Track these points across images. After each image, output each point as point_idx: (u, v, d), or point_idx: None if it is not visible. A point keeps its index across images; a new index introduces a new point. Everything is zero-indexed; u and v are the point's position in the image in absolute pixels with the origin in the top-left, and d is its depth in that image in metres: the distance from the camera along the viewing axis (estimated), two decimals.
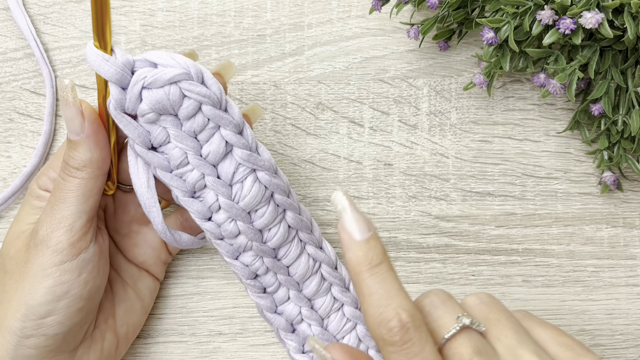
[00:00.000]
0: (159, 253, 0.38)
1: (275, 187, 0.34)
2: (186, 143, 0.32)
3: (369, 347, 0.38)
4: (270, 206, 0.35)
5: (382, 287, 0.27)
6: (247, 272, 0.36)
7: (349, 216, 0.28)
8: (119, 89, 0.31)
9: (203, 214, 0.34)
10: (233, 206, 0.34)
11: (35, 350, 0.33)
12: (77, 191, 0.33)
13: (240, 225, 0.34)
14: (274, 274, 0.37)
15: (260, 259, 0.36)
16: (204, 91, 0.31)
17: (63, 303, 0.32)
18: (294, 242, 0.36)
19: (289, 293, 0.37)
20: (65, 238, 0.32)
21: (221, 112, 0.32)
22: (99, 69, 0.31)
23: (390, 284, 0.27)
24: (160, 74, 0.31)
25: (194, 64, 0.31)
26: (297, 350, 0.38)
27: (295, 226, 0.36)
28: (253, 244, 0.35)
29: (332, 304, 0.38)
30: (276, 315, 0.38)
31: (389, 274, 0.27)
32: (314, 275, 0.37)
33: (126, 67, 0.31)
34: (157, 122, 0.32)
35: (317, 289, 0.37)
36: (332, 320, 0.38)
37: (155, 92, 0.31)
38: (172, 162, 0.33)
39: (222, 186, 0.33)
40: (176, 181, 0.33)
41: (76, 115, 0.32)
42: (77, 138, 0.32)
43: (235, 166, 0.33)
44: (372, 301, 0.26)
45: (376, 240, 0.28)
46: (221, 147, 0.33)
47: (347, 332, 0.38)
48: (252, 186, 0.34)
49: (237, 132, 0.33)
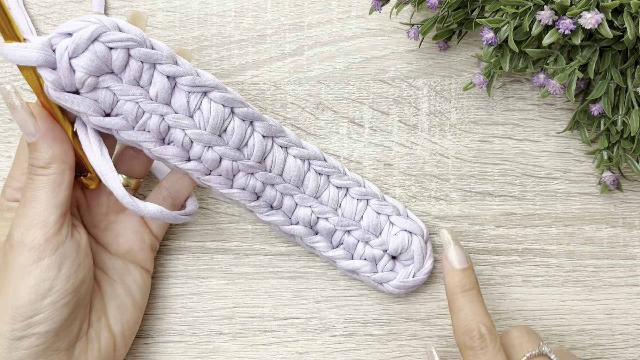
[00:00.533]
0: (142, 236, 0.38)
1: (231, 101, 0.35)
2: (133, 93, 0.33)
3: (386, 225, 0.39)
4: (236, 120, 0.36)
5: (469, 306, 0.34)
6: (247, 195, 0.37)
7: (452, 249, 0.36)
8: (49, 70, 0.32)
9: (180, 155, 0.35)
10: (202, 134, 0.35)
11: (29, 350, 0.33)
12: (46, 187, 0.33)
13: (218, 149, 0.35)
14: (271, 186, 0.38)
15: (252, 176, 0.37)
16: (125, 36, 0.32)
17: (48, 300, 0.32)
18: (275, 149, 0.37)
19: (294, 199, 0.38)
20: (41, 234, 0.33)
21: (150, 49, 0.33)
22: (21, 59, 0.31)
23: (477, 305, 0.34)
24: (79, 38, 0.31)
25: (104, 17, 0.32)
26: (328, 248, 0.39)
27: (268, 133, 0.37)
28: (239, 164, 0.36)
29: (338, 192, 0.39)
30: (293, 226, 0.39)
31: (477, 297, 0.34)
32: (307, 173, 0.38)
33: (46, 46, 0.31)
34: (98, 87, 0.33)
35: (316, 184, 0.38)
36: (345, 206, 0.39)
37: (83, 56, 0.32)
38: (129, 117, 0.34)
39: (183, 119, 0.35)
40: (141, 135, 0.34)
41: (27, 117, 0.33)
42: (34, 139, 0.33)
43: (186, 96, 0.35)
44: (460, 315, 0.34)
45: (471, 271, 0.35)
46: (165, 83, 0.34)
47: (363, 211, 0.39)
48: (209, 107, 0.35)
49: (173, 64, 0.34)
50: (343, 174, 0.39)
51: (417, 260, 0.39)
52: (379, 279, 0.39)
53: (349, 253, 0.39)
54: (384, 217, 0.39)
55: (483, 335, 0.33)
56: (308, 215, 0.39)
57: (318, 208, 0.38)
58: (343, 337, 0.41)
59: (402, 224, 0.39)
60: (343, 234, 0.39)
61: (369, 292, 0.41)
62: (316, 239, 0.39)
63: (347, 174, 0.39)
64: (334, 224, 0.39)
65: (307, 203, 0.38)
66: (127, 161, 0.38)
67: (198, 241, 0.42)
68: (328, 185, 0.39)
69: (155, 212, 0.35)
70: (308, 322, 0.41)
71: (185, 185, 0.38)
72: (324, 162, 0.39)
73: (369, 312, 0.41)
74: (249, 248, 0.41)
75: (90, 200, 0.38)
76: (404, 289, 0.39)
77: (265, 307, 0.41)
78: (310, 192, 0.38)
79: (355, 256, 0.39)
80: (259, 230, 0.42)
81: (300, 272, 0.41)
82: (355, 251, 0.39)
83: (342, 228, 0.39)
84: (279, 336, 0.41)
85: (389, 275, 0.39)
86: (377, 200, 0.39)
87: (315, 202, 0.39)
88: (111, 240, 0.38)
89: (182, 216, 0.37)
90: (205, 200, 0.42)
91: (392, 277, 0.39)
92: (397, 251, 0.39)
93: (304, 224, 0.39)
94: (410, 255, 0.39)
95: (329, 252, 0.39)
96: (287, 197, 0.38)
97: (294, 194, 0.38)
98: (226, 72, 0.42)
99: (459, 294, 0.34)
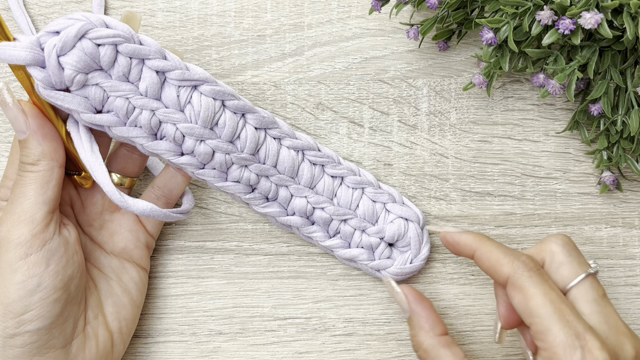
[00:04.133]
0: (137, 235, 0.39)
1: (222, 94, 0.35)
2: (122, 89, 0.34)
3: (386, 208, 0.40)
4: (227, 113, 0.36)
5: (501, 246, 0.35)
6: (242, 187, 0.37)
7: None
8: (38, 69, 0.32)
9: (172, 149, 0.35)
10: (193, 127, 0.35)
11: (23, 348, 0.33)
12: (34, 184, 0.33)
13: (210, 143, 0.36)
14: (266, 178, 0.38)
15: (246, 169, 0.37)
16: (112, 32, 0.33)
17: (37, 296, 0.33)
18: (268, 140, 0.38)
19: (289, 190, 0.38)
20: (27, 230, 0.33)
21: (137, 45, 0.33)
22: (10, 58, 0.31)
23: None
24: (66, 35, 0.32)
25: (91, 14, 0.33)
26: (325, 237, 0.40)
27: (260, 125, 0.37)
28: (232, 157, 0.36)
29: (333, 182, 0.39)
30: (289, 217, 0.39)
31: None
32: (302, 163, 0.38)
33: (34, 45, 0.32)
34: (88, 84, 0.33)
35: (311, 174, 0.38)
36: (340, 195, 0.39)
37: (71, 54, 0.32)
38: (120, 113, 0.34)
39: (174, 113, 0.35)
40: (133, 131, 0.35)
41: (18, 114, 0.33)
42: (25, 136, 0.34)
43: (176, 90, 0.35)
44: (500, 251, 0.34)
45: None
46: (154, 78, 0.34)
47: (359, 199, 0.39)
48: (200, 101, 0.35)
49: (162, 58, 0.34)
50: (338, 164, 0.39)
51: (413, 247, 0.39)
52: (377, 267, 0.39)
53: (345, 242, 0.40)
54: (379, 204, 0.39)
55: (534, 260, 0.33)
56: (304, 206, 0.39)
57: (314, 198, 0.39)
58: (343, 337, 0.41)
59: (398, 211, 0.39)
60: (339, 223, 0.39)
61: (369, 292, 0.41)
62: (313, 229, 0.39)
63: (342, 163, 0.39)
64: (330, 213, 0.39)
65: (303, 193, 0.39)
66: (120, 160, 0.38)
67: (198, 241, 0.42)
68: (323, 175, 0.39)
69: (145, 209, 0.35)
70: (308, 322, 0.41)
71: (178, 183, 0.38)
72: (318, 152, 0.39)
73: (368, 312, 0.41)
74: (249, 248, 0.42)
75: (85, 199, 0.38)
76: (402, 276, 0.39)
77: (265, 307, 0.41)
78: (305, 183, 0.39)
79: (352, 245, 0.40)
80: (259, 230, 0.42)
81: (300, 272, 0.41)
82: (352, 240, 0.39)
83: (338, 217, 0.39)
84: (279, 336, 0.41)
85: (386, 262, 0.39)
86: (373, 188, 0.39)
87: (310, 193, 0.39)
88: (106, 239, 0.38)
89: (174, 214, 0.37)
90: (205, 200, 0.42)
91: (389, 264, 0.39)
92: (394, 238, 0.39)
93: (300, 214, 0.39)
94: (407, 242, 0.39)
95: (326, 242, 0.39)
96: (282, 188, 0.38)
97: (289, 185, 0.38)
98: (226, 72, 0.42)
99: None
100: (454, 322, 0.41)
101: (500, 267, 0.33)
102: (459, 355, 0.35)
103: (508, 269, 0.33)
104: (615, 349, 0.31)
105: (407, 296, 0.37)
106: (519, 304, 0.32)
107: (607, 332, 0.31)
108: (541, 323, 0.31)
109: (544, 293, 0.31)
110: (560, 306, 0.31)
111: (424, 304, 0.37)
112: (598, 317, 0.32)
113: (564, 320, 0.30)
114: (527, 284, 0.32)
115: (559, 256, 0.33)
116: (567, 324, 0.30)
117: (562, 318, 0.31)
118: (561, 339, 0.30)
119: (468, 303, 0.41)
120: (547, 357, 0.31)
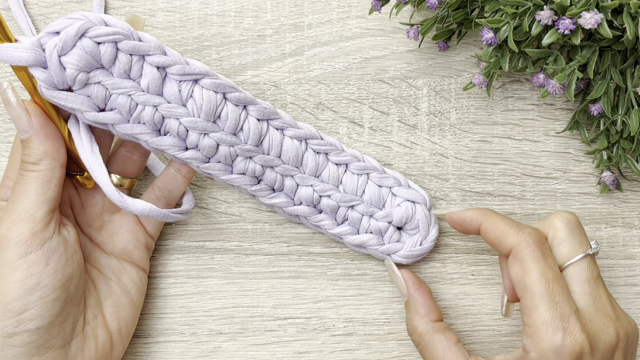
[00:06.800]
0: (137, 235, 0.39)
1: (223, 87, 0.36)
2: (124, 86, 0.34)
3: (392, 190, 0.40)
4: (229, 105, 0.36)
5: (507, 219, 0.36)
6: (248, 179, 0.38)
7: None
8: (40, 69, 0.32)
9: (177, 144, 0.36)
10: (196, 121, 0.35)
11: (22, 348, 0.33)
12: (35, 183, 0.33)
13: (214, 136, 0.36)
14: (271, 169, 0.38)
15: (250, 160, 0.37)
16: (112, 30, 0.33)
17: (36, 295, 0.33)
18: (271, 131, 0.38)
19: (295, 179, 0.39)
20: (27, 229, 0.33)
21: (137, 42, 0.34)
22: (12, 59, 0.32)
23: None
24: (66, 35, 0.32)
25: (90, 13, 0.33)
26: (333, 225, 0.40)
27: (262, 116, 0.37)
28: (236, 149, 0.37)
29: (337, 169, 0.39)
30: (297, 207, 0.39)
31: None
32: (305, 152, 0.39)
33: (35, 46, 0.32)
34: (90, 82, 0.33)
35: (315, 163, 0.39)
36: (346, 182, 0.39)
37: (72, 53, 0.32)
38: (123, 110, 0.34)
39: (177, 108, 0.35)
40: (137, 127, 0.35)
41: (21, 113, 0.34)
42: (27, 135, 0.34)
43: (178, 85, 0.35)
44: (506, 223, 0.35)
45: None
46: (155, 74, 0.34)
47: (364, 185, 0.39)
48: (201, 94, 0.35)
49: (162, 54, 0.34)
50: (341, 151, 0.39)
51: (422, 229, 0.39)
52: (387, 251, 0.39)
53: (354, 228, 0.40)
54: (385, 189, 0.40)
55: (539, 234, 0.34)
56: (310, 194, 0.39)
57: (319, 186, 0.39)
58: (343, 336, 0.41)
59: (405, 194, 0.39)
60: (347, 209, 0.39)
61: (369, 292, 0.41)
62: (321, 217, 0.39)
63: (345, 150, 0.40)
64: (337, 200, 0.39)
65: (308, 182, 0.39)
66: (120, 161, 0.38)
67: (198, 241, 0.42)
68: (327, 163, 0.39)
69: (144, 209, 0.35)
70: (308, 322, 0.41)
71: (179, 184, 0.38)
72: (321, 140, 0.39)
73: (368, 312, 0.41)
74: (249, 248, 0.42)
75: (85, 199, 0.38)
76: (412, 258, 0.40)
77: (265, 307, 0.41)
78: (310, 171, 0.39)
79: (360, 231, 0.40)
80: (259, 230, 0.42)
81: (300, 272, 0.41)
82: (361, 225, 0.39)
83: (345, 204, 0.39)
84: (279, 336, 0.41)
85: (396, 246, 0.39)
86: (377, 173, 0.40)
87: (316, 181, 0.39)
88: (106, 240, 0.38)
89: (174, 214, 0.37)
90: (205, 200, 0.42)
91: (399, 248, 0.39)
92: (402, 222, 0.39)
93: (307, 203, 0.39)
94: (415, 225, 0.39)
95: (335, 229, 0.39)
96: (288, 178, 0.39)
97: (294, 175, 0.38)
98: (226, 72, 0.42)
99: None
100: (454, 322, 0.41)
101: (505, 238, 0.34)
102: (453, 339, 0.36)
103: (513, 239, 0.34)
104: (597, 331, 0.32)
105: (407, 281, 0.38)
106: (516, 275, 0.33)
107: (593, 314, 0.33)
108: (531, 299, 0.32)
109: (542, 271, 0.33)
110: (553, 286, 0.32)
111: (422, 289, 0.38)
112: (588, 298, 0.33)
113: (552, 300, 0.32)
114: (528, 258, 0.33)
115: (561, 233, 0.34)
116: (554, 305, 0.32)
117: (552, 298, 0.32)
118: (545, 319, 0.32)
119: (468, 303, 0.41)
120: (529, 333, 0.32)
